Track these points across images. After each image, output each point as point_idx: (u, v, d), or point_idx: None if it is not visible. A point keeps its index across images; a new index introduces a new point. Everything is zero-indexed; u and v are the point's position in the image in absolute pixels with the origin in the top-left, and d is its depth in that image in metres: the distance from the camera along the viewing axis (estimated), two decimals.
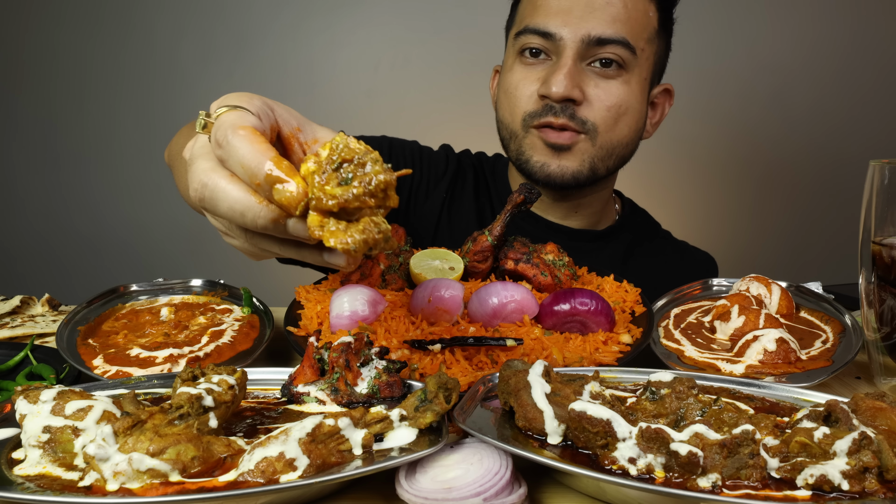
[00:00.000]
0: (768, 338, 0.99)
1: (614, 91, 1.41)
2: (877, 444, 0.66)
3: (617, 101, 1.42)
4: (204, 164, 0.68)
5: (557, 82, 1.37)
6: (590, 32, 1.37)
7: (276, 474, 0.65)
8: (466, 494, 0.66)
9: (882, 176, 0.94)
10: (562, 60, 1.39)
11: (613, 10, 1.38)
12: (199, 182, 0.67)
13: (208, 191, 0.66)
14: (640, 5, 1.42)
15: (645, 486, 0.65)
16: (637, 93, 1.46)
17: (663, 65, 1.56)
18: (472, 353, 0.98)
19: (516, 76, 1.46)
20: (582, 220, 1.62)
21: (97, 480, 0.65)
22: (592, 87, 1.41)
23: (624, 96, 1.43)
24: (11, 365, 1.04)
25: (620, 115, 1.44)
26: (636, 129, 1.50)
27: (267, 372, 0.91)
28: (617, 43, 1.39)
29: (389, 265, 1.18)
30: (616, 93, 1.42)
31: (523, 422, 0.74)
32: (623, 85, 1.42)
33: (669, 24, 1.53)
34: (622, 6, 1.40)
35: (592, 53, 1.40)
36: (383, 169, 0.63)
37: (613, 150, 1.47)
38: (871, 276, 0.98)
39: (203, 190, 0.67)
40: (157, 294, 1.25)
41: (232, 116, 0.67)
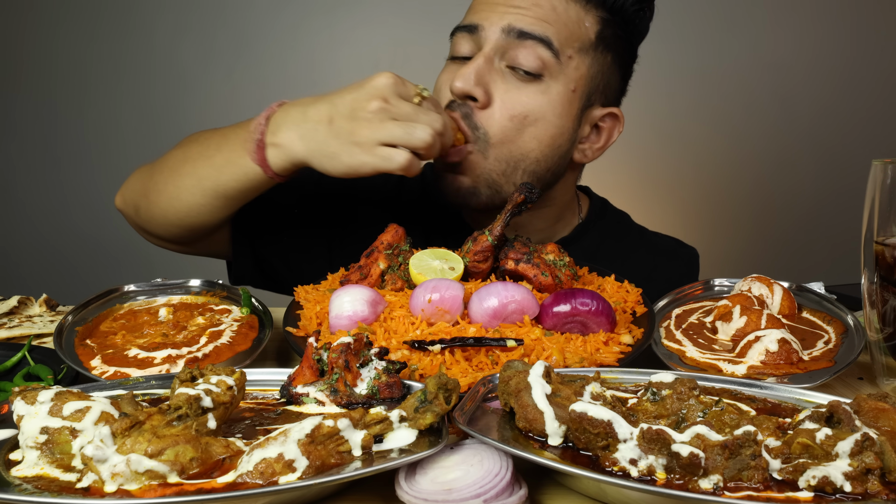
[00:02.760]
0: (770, 338, 0.99)
1: (524, 99, 1.31)
2: (879, 446, 0.66)
3: (524, 109, 1.31)
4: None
5: (461, 76, 1.29)
6: (511, 24, 1.30)
7: (275, 475, 0.65)
8: (466, 496, 0.65)
9: (885, 175, 0.93)
10: (478, 55, 1.32)
11: (540, 11, 1.32)
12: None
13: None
14: (571, 12, 1.34)
15: (646, 488, 0.64)
16: (556, 104, 1.33)
17: (613, 87, 1.45)
18: (472, 354, 0.97)
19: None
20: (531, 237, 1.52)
21: (95, 482, 0.64)
22: (502, 91, 1.31)
23: (534, 105, 1.31)
24: (9, 365, 1.03)
25: (526, 126, 1.32)
26: (549, 144, 1.35)
27: (266, 373, 0.91)
28: (539, 40, 1.30)
29: (389, 265, 1.17)
30: (525, 101, 1.31)
31: (524, 423, 0.74)
32: (538, 94, 1.32)
33: (618, 43, 1.41)
34: (550, 8, 1.32)
35: (513, 49, 1.31)
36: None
37: (518, 163, 1.34)
38: (873, 277, 0.97)
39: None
40: (156, 294, 1.25)
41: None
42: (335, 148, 1.14)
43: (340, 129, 1.14)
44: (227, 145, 1.26)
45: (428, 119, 1.14)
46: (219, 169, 1.26)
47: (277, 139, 1.19)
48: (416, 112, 1.14)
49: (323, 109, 1.16)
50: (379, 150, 1.12)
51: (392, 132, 1.12)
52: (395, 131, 1.12)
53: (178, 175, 1.32)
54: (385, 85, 1.15)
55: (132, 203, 1.43)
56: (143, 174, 1.42)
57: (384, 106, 1.13)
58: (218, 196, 1.28)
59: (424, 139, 1.12)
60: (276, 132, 1.19)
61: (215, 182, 1.27)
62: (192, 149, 1.34)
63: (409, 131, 1.12)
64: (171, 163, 1.36)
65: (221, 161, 1.26)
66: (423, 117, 1.13)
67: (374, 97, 1.13)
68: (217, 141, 1.29)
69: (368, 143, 1.12)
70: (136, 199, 1.42)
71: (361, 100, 1.14)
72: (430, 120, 1.14)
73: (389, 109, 1.13)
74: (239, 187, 1.26)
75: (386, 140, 1.12)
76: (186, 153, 1.35)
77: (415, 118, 1.13)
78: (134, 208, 1.43)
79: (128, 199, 1.45)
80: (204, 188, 1.28)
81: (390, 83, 1.15)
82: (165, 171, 1.36)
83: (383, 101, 1.13)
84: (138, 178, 1.43)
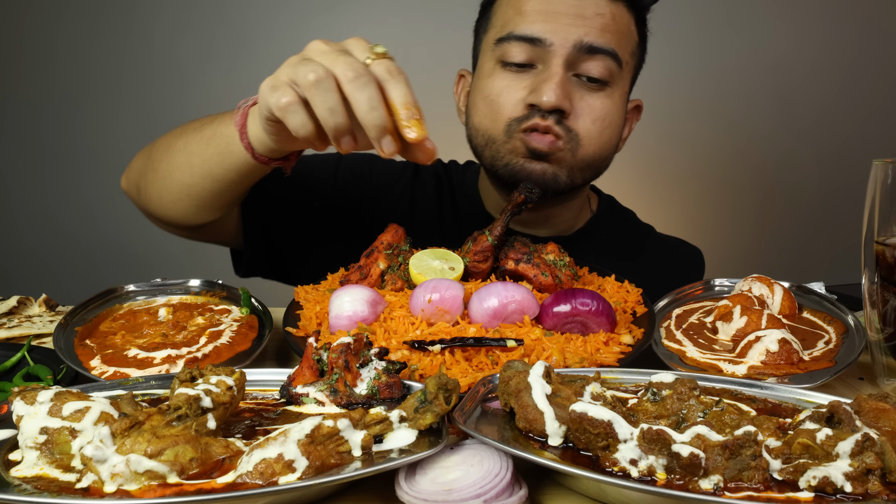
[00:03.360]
0: (770, 338, 0.99)
1: (599, 104, 1.38)
2: (880, 446, 0.66)
3: (602, 114, 1.39)
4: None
5: (548, 92, 1.32)
6: (582, 39, 1.34)
7: (274, 476, 0.64)
8: (466, 496, 0.65)
9: (885, 175, 0.93)
10: (551, 69, 1.34)
11: (602, 21, 1.35)
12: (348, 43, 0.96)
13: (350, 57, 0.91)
14: (624, 18, 1.40)
15: (646, 488, 0.64)
16: (619, 106, 1.44)
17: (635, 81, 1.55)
18: (472, 354, 0.97)
19: (499, 83, 1.40)
20: (551, 230, 1.59)
21: (95, 482, 0.64)
22: (578, 99, 1.37)
23: (607, 110, 1.39)
24: (8, 366, 1.03)
25: (604, 129, 1.40)
26: (615, 142, 1.47)
27: (265, 373, 0.91)
28: (606, 53, 1.36)
29: (389, 265, 1.17)
30: (601, 106, 1.38)
31: (524, 423, 0.74)
32: (607, 98, 1.39)
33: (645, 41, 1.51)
34: (611, 18, 1.37)
35: (581, 63, 1.36)
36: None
37: (593, 162, 1.43)
38: (874, 277, 0.97)
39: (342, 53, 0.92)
40: (155, 294, 1.25)
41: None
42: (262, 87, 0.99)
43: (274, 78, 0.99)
44: (222, 118, 1.20)
45: (332, 61, 0.92)
46: (206, 142, 1.20)
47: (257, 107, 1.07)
48: (330, 55, 0.93)
49: None
50: (277, 82, 0.95)
51: (292, 64, 0.94)
52: (293, 64, 0.94)
53: (171, 151, 1.28)
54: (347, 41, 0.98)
55: (134, 183, 1.39)
56: (144, 153, 1.39)
57: (320, 48, 0.95)
58: (205, 175, 1.22)
59: (304, 74, 0.91)
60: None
61: (202, 158, 1.21)
62: (190, 124, 1.30)
63: (301, 63, 0.92)
64: (169, 138, 1.32)
65: (210, 133, 1.20)
66: (330, 61, 0.92)
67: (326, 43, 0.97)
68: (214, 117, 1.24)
69: (277, 76, 0.96)
70: (138, 179, 1.38)
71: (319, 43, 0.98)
72: (335, 62, 0.91)
73: (317, 52, 0.95)
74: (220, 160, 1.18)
75: (286, 72, 0.95)
76: (184, 128, 1.30)
77: (323, 60, 0.92)
78: (136, 189, 1.39)
79: (131, 180, 1.41)
80: (192, 165, 1.23)
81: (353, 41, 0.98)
82: (161, 148, 1.32)
83: (327, 45, 0.96)
84: (140, 157, 1.40)
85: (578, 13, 1.35)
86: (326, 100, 0.90)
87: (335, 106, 0.90)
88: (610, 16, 1.37)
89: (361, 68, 0.90)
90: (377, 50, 0.94)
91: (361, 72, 0.90)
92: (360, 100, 0.89)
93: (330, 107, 0.90)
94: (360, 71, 0.90)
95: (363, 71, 0.90)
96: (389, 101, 0.91)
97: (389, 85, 0.91)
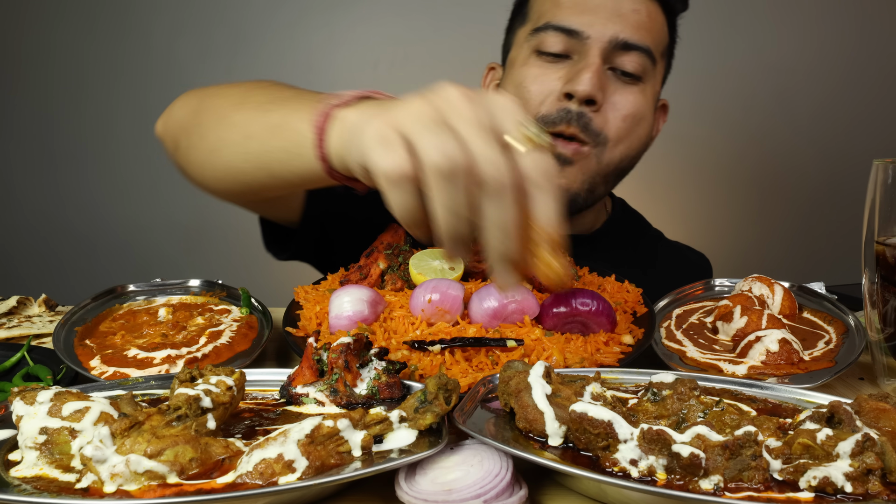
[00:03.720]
0: (771, 338, 0.99)
1: (632, 99, 1.39)
2: (880, 446, 0.66)
3: (633, 109, 1.39)
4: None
5: (585, 80, 1.32)
6: (618, 35, 1.35)
7: (274, 476, 0.64)
8: (466, 496, 0.65)
9: (886, 175, 0.93)
10: (588, 59, 1.34)
11: (639, 18, 1.37)
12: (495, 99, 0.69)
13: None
14: (659, 18, 1.43)
15: (646, 488, 0.64)
16: (651, 103, 1.45)
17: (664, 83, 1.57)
18: (472, 354, 0.97)
19: (534, 70, 1.40)
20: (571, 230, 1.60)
21: (94, 482, 0.64)
22: (610, 93, 1.38)
23: (639, 106, 1.40)
24: (8, 366, 1.03)
25: (635, 126, 1.41)
26: (645, 141, 1.48)
27: (265, 373, 0.90)
28: (641, 50, 1.37)
29: (389, 265, 1.17)
30: (633, 101, 1.39)
31: (524, 423, 0.74)
32: (639, 94, 1.40)
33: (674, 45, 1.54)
34: (646, 15, 1.39)
35: (615, 58, 1.37)
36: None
37: (620, 164, 1.43)
38: (874, 277, 0.97)
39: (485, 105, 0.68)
40: (155, 294, 1.25)
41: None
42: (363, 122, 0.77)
43: (388, 107, 0.75)
44: (296, 103, 0.95)
45: (477, 146, 0.66)
46: (272, 130, 0.98)
47: (349, 113, 0.83)
48: (474, 130, 0.67)
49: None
50: (389, 135, 0.70)
51: (416, 117, 0.69)
52: (419, 119, 0.69)
53: (226, 122, 1.06)
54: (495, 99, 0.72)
55: (173, 136, 1.19)
56: (192, 102, 1.16)
57: (456, 100, 0.70)
58: (261, 166, 1.00)
59: (435, 147, 0.66)
60: (355, 108, 0.84)
61: (262, 145, 0.99)
62: (255, 94, 1.06)
63: (429, 128, 0.67)
64: (223, 103, 1.09)
65: (278, 119, 0.97)
66: (473, 141, 0.66)
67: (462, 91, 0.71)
68: (288, 97, 1.01)
69: (390, 123, 0.71)
70: (178, 133, 1.17)
71: (451, 86, 0.72)
72: (479, 150, 0.66)
73: (455, 107, 0.69)
74: (285, 159, 0.95)
75: (405, 123, 0.69)
76: (244, 95, 1.06)
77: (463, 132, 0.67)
78: (174, 143, 1.19)
79: (169, 130, 1.20)
80: (248, 151, 1.01)
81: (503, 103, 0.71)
82: (213, 113, 1.09)
83: (465, 98, 0.70)
84: (184, 107, 1.17)
85: (616, 9, 1.36)
86: (452, 199, 0.65)
87: (461, 210, 0.66)
88: (646, 13, 1.39)
89: (507, 174, 0.66)
90: (533, 134, 0.69)
91: (506, 181, 0.66)
92: (493, 219, 0.67)
93: (454, 210, 0.66)
94: (504, 179, 0.66)
95: (508, 180, 0.66)
96: (530, 216, 0.68)
97: (537, 197, 0.68)
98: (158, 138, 1.23)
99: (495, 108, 0.69)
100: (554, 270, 0.69)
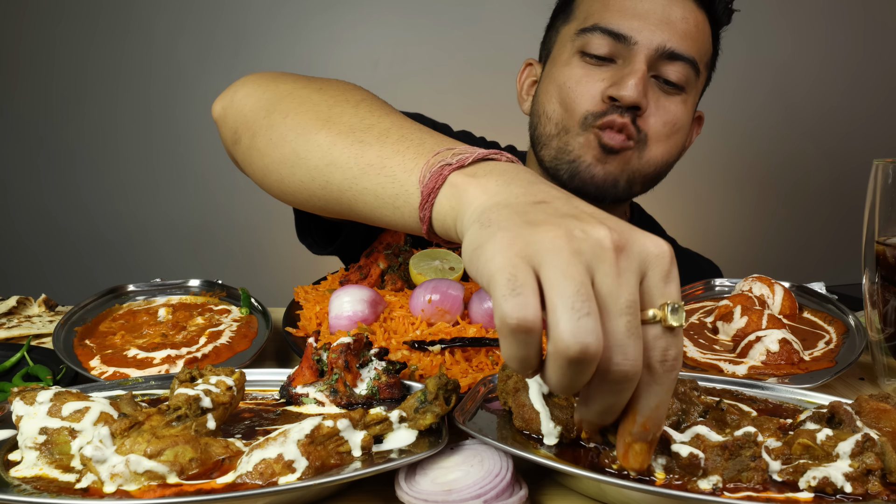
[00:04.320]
0: (771, 338, 0.99)
1: (673, 108, 1.40)
2: (880, 447, 0.65)
3: (674, 118, 1.40)
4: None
5: (631, 87, 1.32)
6: (665, 44, 1.35)
7: (274, 476, 0.64)
8: (467, 497, 0.65)
9: (886, 175, 0.93)
10: (634, 65, 1.35)
11: (686, 27, 1.37)
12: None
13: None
14: (706, 29, 1.43)
15: (646, 488, 0.64)
16: (690, 113, 1.46)
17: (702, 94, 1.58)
18: (472, 354, 0.97)
19: (578, 71, 1.40)
20: None
21: (94, 482, 0.64)
22: (653, 99, 1.39)
23: (680, 115, 1.41)
24: (8, 366, 1.03)
25: (673, 134, 1.42)
26: (680, 150, 1.49)
27: (265, 373, 0.90)
28: (686, 61, 1.38)
29: (389, 265, 1.17)
30: (675, 110, 1.41)
31: (520, 422, 0.74)
32: (681, 104, 1.41)
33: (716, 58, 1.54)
34: (694, 25, 1.39)
35: (660, 66, 1.38)
36: None
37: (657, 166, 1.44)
38: (874, 277, 0.97)
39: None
40: (155, 294, 1.25)
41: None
42: (499, 221, 0.61)
43: (531, 215, 0.60)
44: (399, 144, 0.82)
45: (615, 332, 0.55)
46: (364, 168, 0.83)
47: (468, 182, 0.70)
48: (616, 311, 0.56)
49: (552, 194, 0.65)
50: (521, 270, 0.56)
51: (561, 270, 0.55)
52: (563, 274, 0.55)
53: (305, 139, 0.91)
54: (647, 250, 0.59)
55: (233, 126, 1.06)
56: (264, 94, 1.02)
57: (605, 251, 0.57)
58: (342, 201, 0.88)
59: (569, 328, 0.53)
60: (476, 175, 0.71)
61: (349, 181, 0.86)
62: (344, 112, 0.91)
63: (571, 299, 0.54)
64: (307, 109, 0.94)
65: (374, 158, 0.82)
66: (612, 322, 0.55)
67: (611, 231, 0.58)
68: (387, 128, 0.85)
69: (531, 249, 0.57)
70: (239, 127, 1.04)
71: (597, 221, 0.59)
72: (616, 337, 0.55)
73: (603, 261, 0.56)
74: (374, 205, 0.83)
75: (547, 266, 0.56)
76: (334, 112, 0.92)
77: (603, 306, 0.56)
78: (233, 133, 1.06)
79: (230, 118, 1.07)
80: (329, 180, 0.88)
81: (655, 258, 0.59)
82: (293, 120, 0.94)
83: (615, 248, 0.57)
84: (254, 95, 1.03)
85: (664, 17, 1.36)
86: (570, 381, 0.56)
87: (577, 384, 0.56)
88: (694, 23, 1.39)
89: (636, 364, 0.56)
90: (675, 314, 0.57)
91: (634, 371, 0.56)
92: (604, 403, 0.59)
93: (569, 387, 0.56)
94: (633, 368, 0.56)
95: (635, 370, 0.56)
96: (633, 403, 0.60)
97: (650, 387, 0.58)
98: (214, 120, 1.10)
99: (646, 266, 0.58)
100: (639, 461, 0.62)
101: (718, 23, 1.49)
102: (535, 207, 0.61)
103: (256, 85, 1.05)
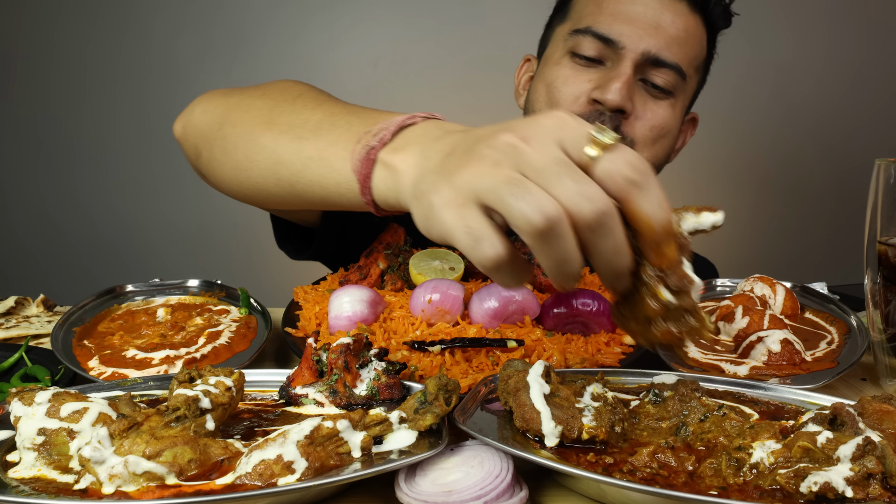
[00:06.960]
0: (773, 339, 0.98)
1: (660, 112, 1.41)
2: (881, 450, 0.65)
3: (661, 122, 1.41)
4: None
5: (615, 90, 1.33)
6: (650, 50, 1.35)
7: (273, 477, 0.64)
8: (467, 498, 0.65)
9: (888, 175, 0.93)
10: (620, 68, 1.36)
11: (675, 31, 1.38)
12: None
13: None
14: (698, 33, 1.43)
15: (646, 488, 0.64)
16: (678, 118, 1.46)
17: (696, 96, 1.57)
18: (472, 355, 0.97)
19: (565, 71, 1.42)
20: None
21: (93, 483, 0.64)
22: (640, 103, 1.39)
23: (666, 119, 1.41)
24: (6, 366, 1.03)
25: (660, 138, 1.42)
26: (667, 153, 1.49)
27: (265, 373, 0.90)
28: (671, 68, 1.38)
29: (389, 265, 1.17)
30: (662, 114, 1.41)
31: (520, 422, 0.73)
32: (668, 108, 1.42)
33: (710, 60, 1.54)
34: (684, 29, 1.39)
35: (647, 70, 1.38)
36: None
37: None
38: (876, 277, 0.97)
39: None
40: (154, 294, 1.24)
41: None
42: (426, 188, 0.67)
43: (446, 165, 0.67)
44: (330, 133, 0.88)
45: (562, 190, 0.60)
46: (305, 162, 0.90)
47: (393, 159, 0.76)
48: (551, 173, 0.61)
49: (457, 138, 0.71)
50: (469, 216, 0.62)
51: (491, 183, 0.61)
52: (495, 184, 0.61)
53: (253, 143, 0.99)
54: (545, 125, 0.64)
55: (193, 143, 1.13)
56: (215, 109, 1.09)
57: (516, 146, 0.63)
58: (295, 193, 0.94)
59: (525, 214, 0.59)
60: (398, 149, 0.77)
61: (295, 175, 0.92)
62: (283, 112, 0.98)
63: (512, 192, 0.60)
64: (251, 116, 1.01)
65: (312, 151, 0.89)
66: (556, 185, 0.60)
67: (512, 131, 0.64)
68: (319, 120, 0.92)
69: (463, 192, 0.63)
70: (198, 142, 1.11)
71: (498, 131, 0.65)
72: (566, 193, 0.60)
73: (520, 154, 0.62)
74: (323, 195, 0.89)
75: (481, 191, 0.62)
76: (275, 114, 0.99)
77: (542, 181, 0.61)
78: (194, 149, 1.13)
79: (189, 135, 1.13)
80: (279, 176, 0.95)
81: (555, 124, 0.64)
82: (239, 127, 1.02)
83: (522, 140, 0.63)
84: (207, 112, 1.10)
85: (655, 22, 1.36)
86: (560, 250, 0.61)
87: (571, 258, 0.61)
88: (684, 28, 1.39)
89: (600, 199, 0.60)
90: (601, 137, 0.62)
91: (602, 206, 0.60)
92: (605, 248, 0.62)
93: (564, 259, 0.61)
94: (600, 205, 0.60)
95: (604, 204, 0.60)
96: (635, 216, 0.62)
97: (636, 193, 0.61)
98: (177, 140, 1.17)
99: (554, 133, 0.63)
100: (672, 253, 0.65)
101: (714, 26, 1.49)
102: (448, 158, 0.67)
103: (209, 102, 1.12)
